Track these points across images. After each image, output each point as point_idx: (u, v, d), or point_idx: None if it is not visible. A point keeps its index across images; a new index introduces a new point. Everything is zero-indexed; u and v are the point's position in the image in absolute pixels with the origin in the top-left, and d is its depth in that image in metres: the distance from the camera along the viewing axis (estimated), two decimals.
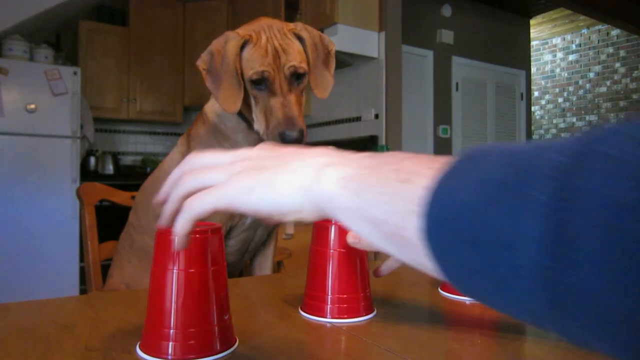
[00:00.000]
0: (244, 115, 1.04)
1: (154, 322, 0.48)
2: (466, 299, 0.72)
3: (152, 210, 1.13)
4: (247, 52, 0.96)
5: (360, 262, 0.62)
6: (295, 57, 0.97)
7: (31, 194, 3.15)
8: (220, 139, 1.06)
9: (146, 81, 4.20)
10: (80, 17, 3.96)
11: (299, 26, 1.02)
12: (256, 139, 1.06)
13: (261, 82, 0.95)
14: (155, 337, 0.48)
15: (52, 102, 3.22)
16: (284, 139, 0.93)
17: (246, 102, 1.01)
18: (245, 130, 1.06)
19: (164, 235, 0.48)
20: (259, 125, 0.99)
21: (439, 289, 0.77)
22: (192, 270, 0.47)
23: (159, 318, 0.48)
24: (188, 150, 1.10)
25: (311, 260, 0.63)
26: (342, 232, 0.61)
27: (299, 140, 0.94)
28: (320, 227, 0.62)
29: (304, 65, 0.99)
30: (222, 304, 0.50)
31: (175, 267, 0.47)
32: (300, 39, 1.01)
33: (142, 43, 4.17)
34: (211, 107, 1.09)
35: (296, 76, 0.98)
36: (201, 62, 1.00)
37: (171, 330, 0.47)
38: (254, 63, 0.95)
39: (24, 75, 3.14)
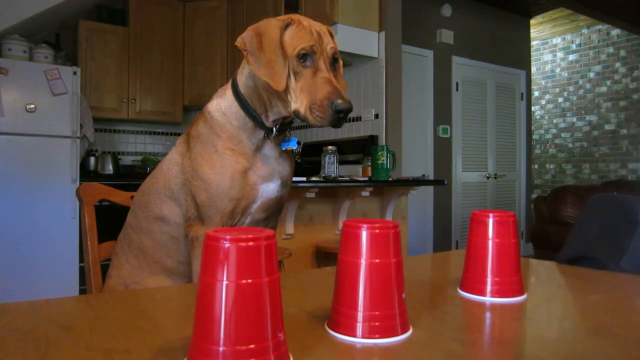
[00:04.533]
0: (252, 113, 1.06)
1: (201, 337, 0.43)
2: (486, 299, 0.66)
3: (149, 210, 1.13)
4: (290, 31, 1.01)
5: (396, 272, 0.54)
6: (333, 42, 1.04)
7: (31, 194, 3.15)
8: (224, 138, 1.06)
9: (146, 81, 4.20)
10: (80, 17, 3.96)
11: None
12: (260, 139, 1.07)
13: (306, 57, 0.99)
14: (202, 354, 0.43)
15: (51, 102, 3.22)
16: (337, 108, 0.95)
17: (257, 94, 1.05)
18: (251, 129, 1.06)
19: (213, 241, 0.43)
20: (299, 102, 1.00)
21: (458, 289, 0.72)
22: (245, 282, 0.43)
23: (207, 334, 0.43)
24: (187, 150, 1.10)
25: (339, 271, 0.56)
26: (375, 239, 0.53)
27: (350, 110, 0.96)
28: (349, 234, 0.55)
29: (338, 51, 1.05)
30: (276, 319, 0.45)
31: (225, 278, 0.42)
32: (330, 35, 1.07)
33: (142, 43, 4.17)
34: (217, 106, 1.09)
35: (333, 60, 1.03)
36: (241, 43, 1.01)
37: (220, 348, 0.42)
38: (301, 40, 0.99)
39: (23, 75, 3.14)
